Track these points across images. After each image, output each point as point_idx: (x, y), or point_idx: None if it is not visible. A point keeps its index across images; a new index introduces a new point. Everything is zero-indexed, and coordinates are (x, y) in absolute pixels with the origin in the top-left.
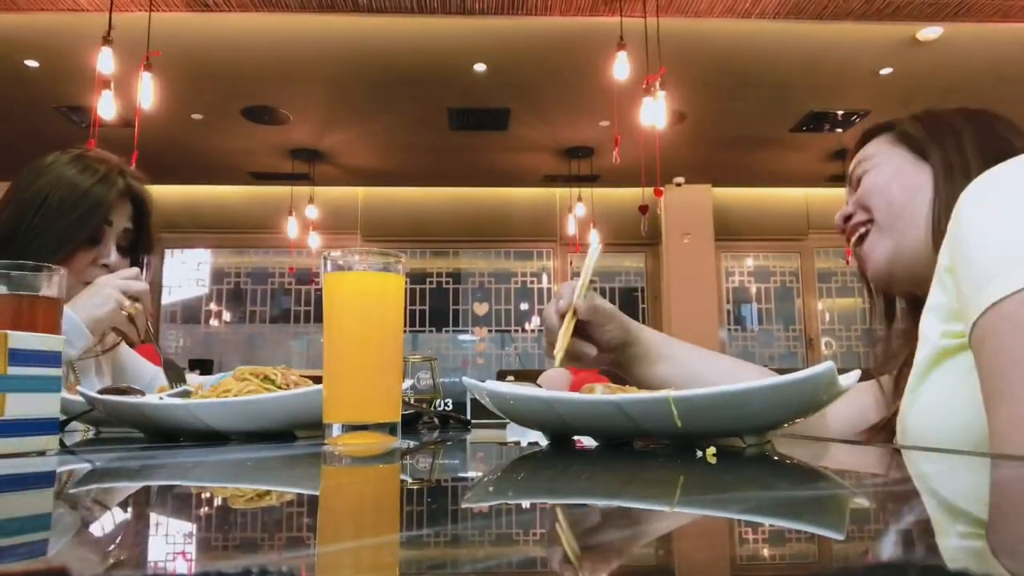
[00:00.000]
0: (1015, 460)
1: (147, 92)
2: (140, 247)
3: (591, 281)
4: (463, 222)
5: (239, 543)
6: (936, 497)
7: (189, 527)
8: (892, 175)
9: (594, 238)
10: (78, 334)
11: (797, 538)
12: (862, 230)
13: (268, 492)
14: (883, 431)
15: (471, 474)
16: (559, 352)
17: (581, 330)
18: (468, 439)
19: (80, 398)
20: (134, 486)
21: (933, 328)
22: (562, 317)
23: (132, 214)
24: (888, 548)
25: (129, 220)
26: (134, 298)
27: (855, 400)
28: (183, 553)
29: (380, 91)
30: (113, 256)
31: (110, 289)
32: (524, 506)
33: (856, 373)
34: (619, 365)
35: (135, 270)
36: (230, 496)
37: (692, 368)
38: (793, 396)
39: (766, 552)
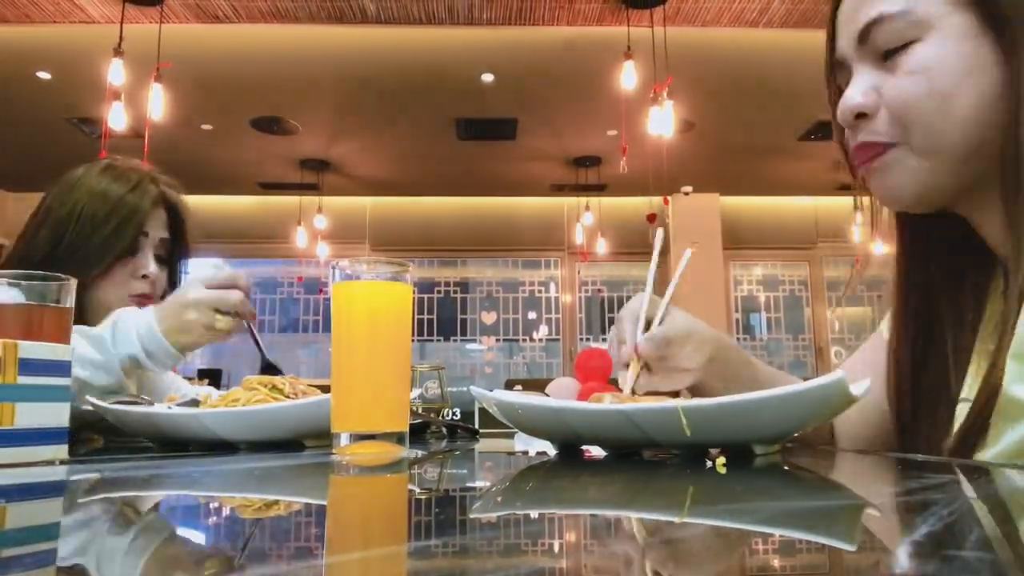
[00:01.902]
0: None
1: (157, 103)
2: (177, 255)
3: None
4: (471, 231)
5: (247, 553)
6: (951, 509)
7: (197, 537)
8: (956, 75)
9: (686, 254)
10: (166, 355)
11: (808, 549)
12: (881, 153)
13: (276, 502)
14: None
15: (479, 484)
16: (627, 390)
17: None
18: (476, 449)
19: (89, 407)
20: (143, 495)
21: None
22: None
23: (168, 222)
24: (901, 560)
25: (165, 229)
26: (230, 312)
27: (862, 408)
28: (191, 563)
29: (388, 101)
30: (152, 267)
31: (196, 314)
32: (533, 516)
33: (867, 382)
34: (702, 391)
35: (230, 273)
36: (238, 506)
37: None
38: (803, 405)
39: (777, 563)
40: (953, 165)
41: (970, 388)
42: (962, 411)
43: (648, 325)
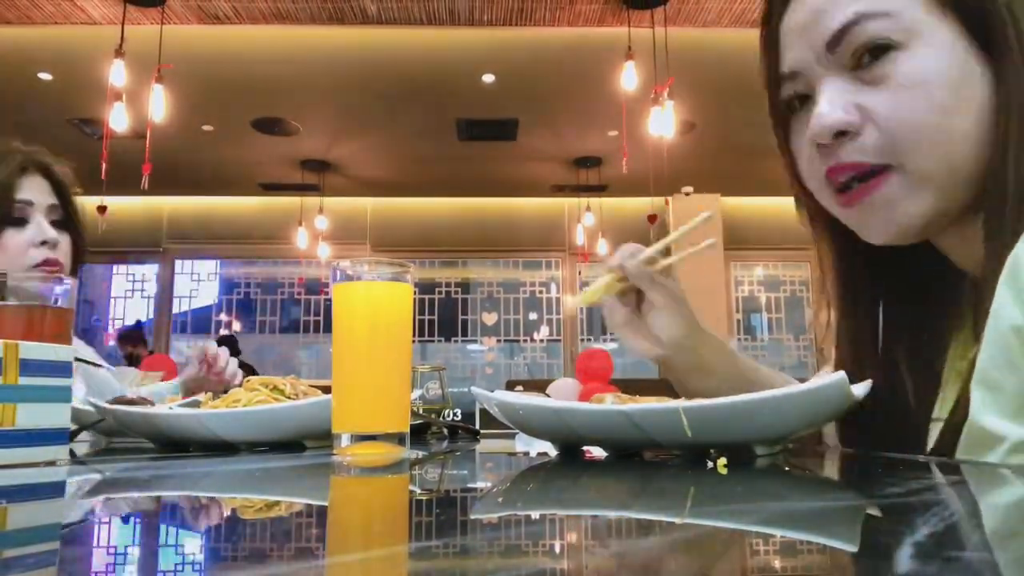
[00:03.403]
0: None
1: (158, 104)
2: (72, 225)
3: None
4: (472, 232)
5: (248, 554)
6: (953, 510)
7: (198, 537)
8: (952, 88)
9: (703, 214)
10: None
11: (809, 550)
12: (870, 179)
13: (277, 502)
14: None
15: (480, 485)
16: (580, 299)
17: (640, 311)
18: (477, 449)
19: (90, 408)
20: (144, 496)
21: (993, 423)
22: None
23: (53, 190)
24: (903, 561)
25: (52, 196)
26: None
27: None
28: (192, 564)
29: (389, 102)
30: (50, 232)
31: None
32: (533, 517)
33: (868, 383)
34: (668, 368)
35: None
36: (239, 506)
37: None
38: (805, 406)
39: (778, 564)
40: (954, 188)
41: (940, 408)
42: (935, 430)
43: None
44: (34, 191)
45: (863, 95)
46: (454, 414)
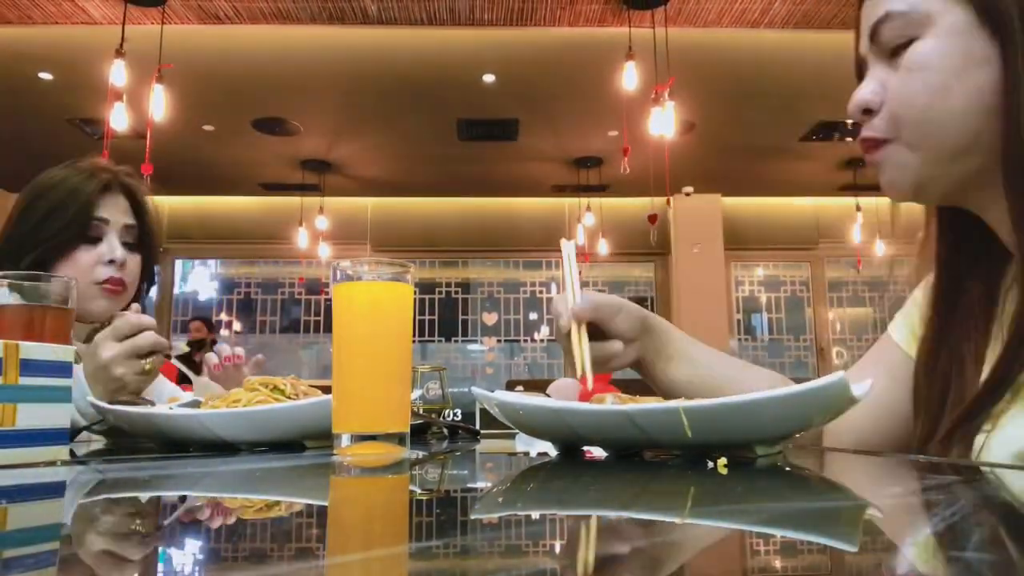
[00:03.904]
0: None
1: (159, 104)
2: (145, 246)
3: (583, 284)
4: (472, 232)
5: (248, 554)
6: (952, 510)
7: (198, 538)
8: (950, 71)
9: (566, 244)
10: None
11: (809, 550)
12: (878, 148)
13: (277, 503)
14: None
15: (480, 485)
16: (579, 367)
17: (595, 334)
18: (477, 449)
19: (91, 408)
20: (144, 496)
21: None
22: (569, 336)
23: (132, 210)
24: (902, 561)
25: (129, 216)
26: (149, 352)
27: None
28: (193, 564)
29: (389, 102)
30: (119, 252)
31: (123, 368)
32: (534, 517)
33: (868, 383)
34: (640, 363)
35: (129, 319)
36: (239, 507)
37: (711, 373)
38: (805, 406)
39: (778, 564)
40: (947, 159)
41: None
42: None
43: None
44: (112, 210)
45: (890, 79)
46: (454, 414)
